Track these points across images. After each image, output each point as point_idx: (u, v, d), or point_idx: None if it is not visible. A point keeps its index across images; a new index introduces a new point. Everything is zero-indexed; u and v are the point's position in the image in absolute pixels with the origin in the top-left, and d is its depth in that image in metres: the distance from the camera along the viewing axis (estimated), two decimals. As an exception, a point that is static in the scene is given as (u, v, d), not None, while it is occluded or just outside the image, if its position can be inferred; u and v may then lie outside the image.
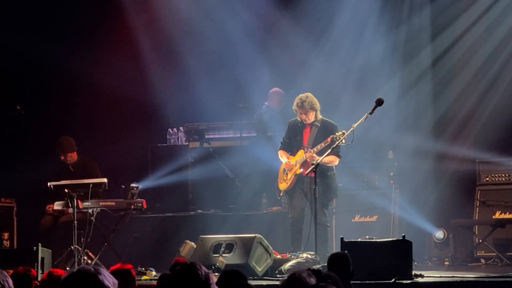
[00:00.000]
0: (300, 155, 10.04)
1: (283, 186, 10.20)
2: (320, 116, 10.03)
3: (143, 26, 12.76)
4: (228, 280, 5.00)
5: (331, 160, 9.82)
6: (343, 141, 9.57)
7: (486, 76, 12.07)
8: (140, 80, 12.74)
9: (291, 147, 10.24)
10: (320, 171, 9.69)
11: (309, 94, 10.01)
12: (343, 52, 12.42)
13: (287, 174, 10.14)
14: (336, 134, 9.65)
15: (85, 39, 12.74)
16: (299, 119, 10.08)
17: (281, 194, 10.48)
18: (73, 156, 11.21)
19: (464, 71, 12.14)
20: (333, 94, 12.03)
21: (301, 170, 9.97)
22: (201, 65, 12.61)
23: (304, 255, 9.43)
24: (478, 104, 12.11)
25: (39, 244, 9.32)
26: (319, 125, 10.00)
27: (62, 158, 11.18)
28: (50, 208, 10.87)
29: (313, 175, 9.55)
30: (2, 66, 12.55)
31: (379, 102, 9.47)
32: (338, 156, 9.86)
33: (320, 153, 9.78)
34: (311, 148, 9.86)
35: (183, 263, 4.02)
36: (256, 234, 9.53)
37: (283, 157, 10.23)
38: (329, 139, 9.67)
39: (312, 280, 4.33)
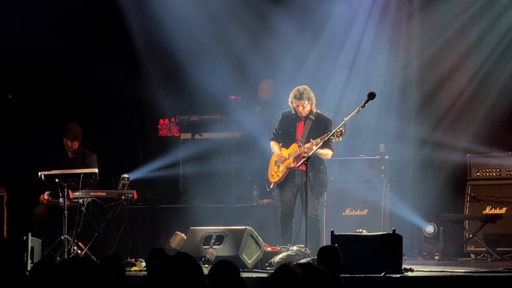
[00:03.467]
0: (294, 148, 9.97)
1: (274, 179, 10.15)
2: (315, 110, 9.98)
3: (137, 19, 12.72)
4: (221, 271, 4.96)
5: (326, 153, 9.78)
6: (340, 138, 9.51)
7: (480, 71, 12.06)
8: (132, 70, 12.69)
9: (283, 138, 10.16)
10: (312, 165, 9.64)
11: (306, 87, 9.94)
12: (337, 45, 12.40)
13: (278, 166, 10.07)
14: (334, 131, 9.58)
15: (79, 31, 12.69)
16: (293, 112, 10.01)
17: (271, 187, 10.41)
18: (77, 145, 11.21)
19: (460, 65, 12.13)
20: (326, 87, 12.02)
21: (294, 163, 9.93)
22: (193, 56, 12.57)
23: (294, 248, 9.43)
24: (470, 98, 12.10)
25: (29, 233, 9.29)
26: (314, 118, 9.93)
27: (69, 143, 11.11)
28: (44, 198, 10.84)
29: (304, 167, 9.51)
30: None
31: (371, 96, 9.46)
32: (332, 149, 9.83)
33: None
34: (313, 140, 9.67)
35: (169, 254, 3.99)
36: (246, 226, 9.53)
37: (275, 148, 10.14)
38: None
39: (299, 272, 4.33)
